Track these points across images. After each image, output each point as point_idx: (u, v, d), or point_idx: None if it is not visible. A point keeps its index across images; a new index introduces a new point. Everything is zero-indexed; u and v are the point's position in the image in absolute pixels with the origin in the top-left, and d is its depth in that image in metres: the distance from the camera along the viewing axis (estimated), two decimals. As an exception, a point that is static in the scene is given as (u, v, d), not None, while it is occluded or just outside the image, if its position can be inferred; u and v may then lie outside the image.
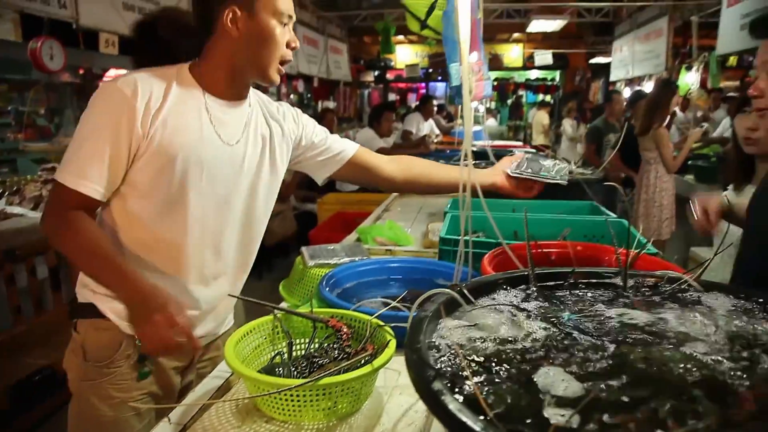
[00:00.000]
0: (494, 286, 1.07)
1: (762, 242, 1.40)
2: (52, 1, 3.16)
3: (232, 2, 1.24)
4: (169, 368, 1.40)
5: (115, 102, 1.20)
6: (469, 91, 1.83)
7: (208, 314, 1.44)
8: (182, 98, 1.27)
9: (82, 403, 1.34)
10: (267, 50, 1.28)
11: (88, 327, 1.33)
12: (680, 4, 7.08)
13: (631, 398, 0.70)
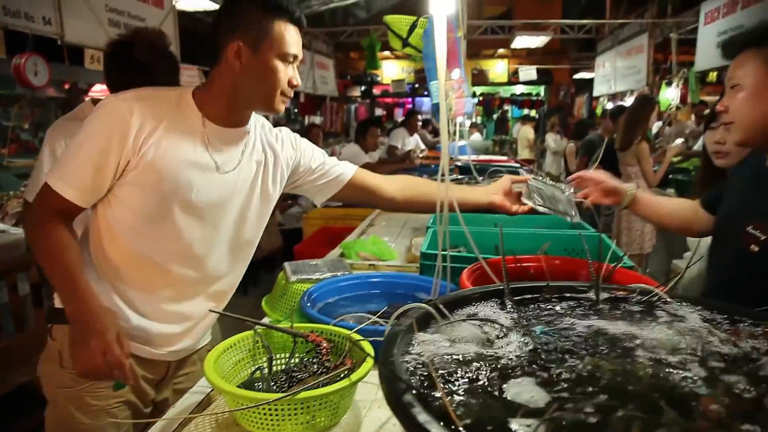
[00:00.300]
0: (470, 300, 1.09)
1: (723, 254, 1.45)
2: (37, 18, 3.17)
3: (240, 37, 1.26)
4: (143, 378, 1.40)
5: (111, 115, 1.23)
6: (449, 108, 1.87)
7: (189, 331, 1.45)
8: (180, 121, 1.30)
9: (59, 410, 1.34)
10: (267, 86, 1.30)
11: (65, 333, 1.32)
12: (660, 21, 7.25)
13: (598, 409, 0.73)
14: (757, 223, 1.28)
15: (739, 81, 1.29)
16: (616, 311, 1.09)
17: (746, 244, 1.30)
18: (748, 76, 1.27)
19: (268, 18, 1.27)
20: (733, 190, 1.47)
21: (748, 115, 1.28)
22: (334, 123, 11.88)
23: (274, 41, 1.27)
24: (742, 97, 1.28)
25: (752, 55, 1.27)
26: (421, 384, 0.75)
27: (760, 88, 1.25)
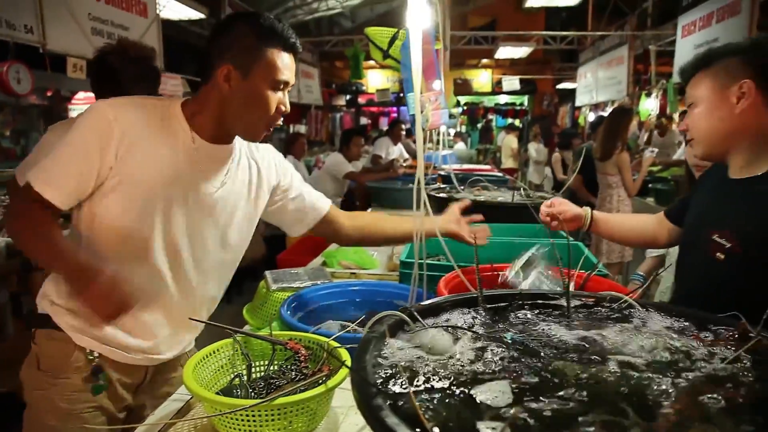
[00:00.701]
0: (444, 308, 1.12)
1: (691, 261, 1.50)
2: (19, 26, 3.16)
3: (231, 60, 1.25)
4: (119, 383, 1.40)
5: (97, 120, 1.23)
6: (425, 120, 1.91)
7: (170, 339, 1.45)
8: (167, 134, 1.29)
9: (33, 412, 1.36)
10: (253, 113, 1.29)
11: (43, 337, 1.35)
12: (639, 34, 7.40)
13: (563, 412, 0.76)
14: (722, 232, 1.33)
15: (694, 100, 1.38)
16: (586, 318, 1.13)
17: (712, 251, 1.35)
18: (701, 93, 1.36)
19: (261, 44, 1.25)
20: (698, 199, 1.52)
21: (704, 130, 1.37)
22: (319, 132, 11.91)
23: (265, 69, 1.25)
24: (697, 115, 1.37)
25: (703, 76, 1.37)
26: (392, 389, 0.77)
27: (712, 102, 1.34)
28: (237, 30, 1.27)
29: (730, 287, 1.33)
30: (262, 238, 4.68)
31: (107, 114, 1.23)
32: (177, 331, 1.46)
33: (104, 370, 1.36)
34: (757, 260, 1.27)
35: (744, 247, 1.28)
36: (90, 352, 1.34)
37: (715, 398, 0.79)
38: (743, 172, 1.37)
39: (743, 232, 1.30)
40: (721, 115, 1.32)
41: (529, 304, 1.18)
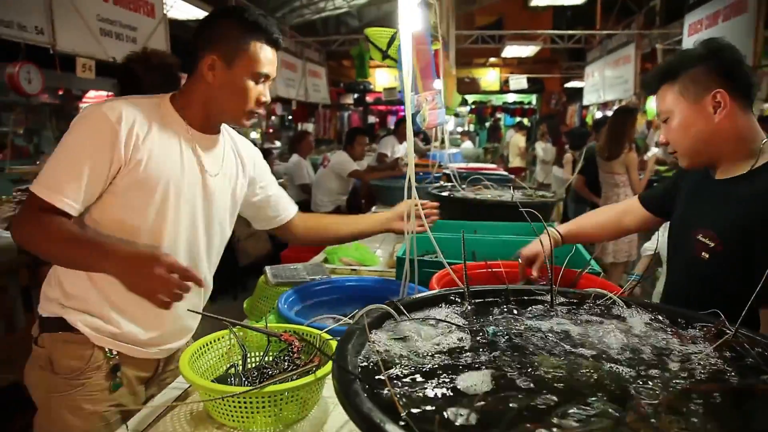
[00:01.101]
0: (431, 303, 1.16)
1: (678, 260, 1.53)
2: (30, 27, 3.23)
3: (215, 51, 1.31)
4: (136, 379, 1.44)
5: (99, 125, 1.25)
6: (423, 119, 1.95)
7: (175, 330, 1.50)
8: (166, 128, 1.34)
9: (52, 415, 1.36)
10: (235, 102, 1.36)
11: (56, 340, 1.35)
12: (646, 32, 7.38)
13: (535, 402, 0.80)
14: (705, 231, 1.36)
15: (667, 114, 1.40)
16: (569, 314, 1.16)
17: (697, 251, 1.38)
18: (672, 109, 1.38)
19: (245, 36, 1.32)
20: (682, 199, 1.54)
21: (685, 143, 1.39)
22: (327, 130, 11.98)
23: (248, 60, 1.32)
24: (674, 130, 1.39)
25: (669, 89, 1.38)
26: (371, 377, 0.81)
27: (688, 116, 1.36)
28: (223, 23, 1.34)
29: (716, 285, 1.36)
30: (267, 236, 4.74)
31: (108, 116, 1.25)
32: (182, 319, 1.50)
33: (121, 368, 1.39)
34: (738, 258, 1.30)
35: (725, 245, 1.32)
36: (109, 351, 1.37)
37: (685, 391, 0.83)
38: (726, 173, 1.40)
39: (724, 231, 1.33)
40: (700, 127, 1.35)
41: (515, 299, 1.22)
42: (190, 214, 1.41)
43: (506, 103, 15.52)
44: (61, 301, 1.36)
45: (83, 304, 1.35)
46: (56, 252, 1.28)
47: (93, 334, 1.35)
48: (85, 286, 1.35)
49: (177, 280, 1.19)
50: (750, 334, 0.99)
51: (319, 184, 5.15)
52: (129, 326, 1.39)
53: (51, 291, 1.39)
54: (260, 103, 1.38)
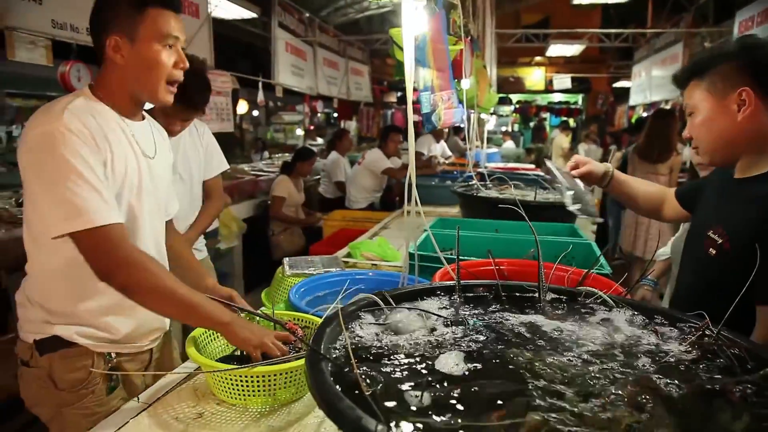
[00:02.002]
0: (423, 294, 1.21)
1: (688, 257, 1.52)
2: (81, 29, 3.42)
3: (115, 31, 1.27)
4: (133, 372, 1.46)
5: (80, 139, 1.21)
6: (438, 118, 1.99)
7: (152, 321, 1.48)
8: (107, 123, 1.30)
9: (66, 423, 1.36)
10: (152, 74, 1.30)
11: (54, 359, 1.34)
12: (695, 31, 7.13)
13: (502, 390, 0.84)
14: (716, 228, 1.36)
15: (693, 110, 1.40)
16: (555, 310, 1.19)
17: (706, 247, 1.38)
18: (699, 104, 1.38)
19: (140, 6, 1.27)
20: (704, 196, 1.54)
21: (707, 139, 1.39)
22: (370, 128, 12.07)
23: (150, 28, 1.27)
24: (699, 125, 1.39)
25: (697, 85, 1.38)
26: (341, 359, 0.87)
27: (712, 112, 1.35)
28: (113, 2, 1.29)
29: (719, 283, 1.35)
30: (301, 231, 4.86)
31: (74, 130, 1.21)
32: None
33: (119, 368, 1.41)
34: (744, 257, 1.29)
35: (732, 243, 1.31)
36: (108, 354, 1.38)
37: (653, 388, 0.85)
38: (746, 172, 1.39)
39: (734, 229, 1.32)
40: (723, 125, 1.34)
41: (506, 295, 1.26)
42: (146, 197, 1.40)
43: (551, 102, 15.26)
44: (48, 320, 1.34)
45: (73, 318, 1.34)
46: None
47: (91, 342, 1.35)
48: (72, 303, 1.34)
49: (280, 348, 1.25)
50: (730, 336, 1.00)
51: (354, 181, 5.23)
52: (121, 326, 1.39)
53: (31, 313, 1.36)
54: (178, 68, 1.34)
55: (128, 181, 1.32)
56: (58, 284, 1.33)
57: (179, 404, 1.20)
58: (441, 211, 3.89)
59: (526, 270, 1.79)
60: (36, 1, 3.17)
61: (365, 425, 0.65)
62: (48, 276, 1.34)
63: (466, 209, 3.10)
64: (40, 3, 3.18)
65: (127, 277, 1.20)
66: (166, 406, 1.20)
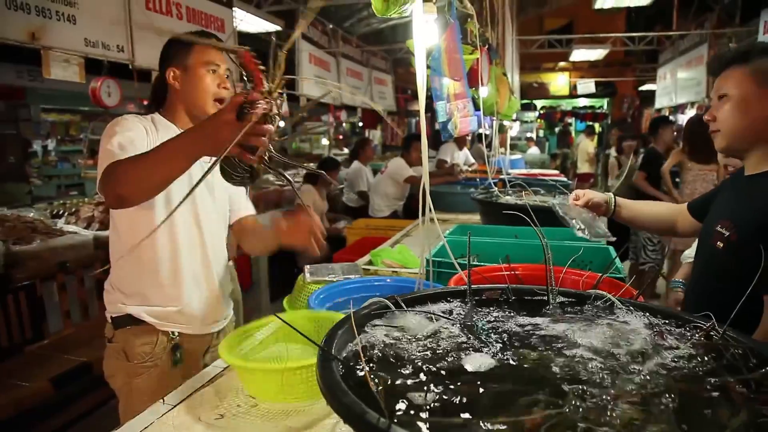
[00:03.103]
0: (435, 298, 1.25)
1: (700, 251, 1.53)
2: (112, 47, 3.57)
3: (172, 65, 1.63)
4: (195, 351, 1.73)
5: (136, 123, 1.54)
6: (454, 127, 2.03)
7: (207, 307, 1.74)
8: (167, 132, 1.60)
9: (133, 398, 1.61)
10: (200, 93, 1.62)
11: (127, 334, 1.63)
12: (719, 32, 7.03)
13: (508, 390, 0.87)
14: (724, 221, 1.37)
15: (726, 92, 1.39)
16: (565, 313, 1.21)
17: (714, 240, 1.39)
18: (735, 88, 1.37)
19: (188, 43, 1.61)
20: (715, 202, 1.55)
21: (735, 124, 1.38)
22: (394, 136, 12.15)
23: (196, 57, 1.61)
24: (729, 108, 1.38)
25: (739, 70, 1.37)
26: (352, 359, 0.91)
27: (747, 98, 1.35)
28: (171, 44, 1.66)
29: (727, 275, 1.36)
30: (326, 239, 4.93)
31: (131, 119, 1.55)
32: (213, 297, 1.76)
33: (181, 346, 1.68)
34: (751, 249, 1.30)
35: (739, 234, 1.32)
36: (171, 333, 1.66)
37: (656, 391, 0.87)
38: (757, 168, 1.40)
39: (740, 221, 1.33)
40: (755, 115, 1.35)
41: (516, 298, 1.28)
42: (201, 199, 1.68)
43: (576, 107, 15.14)
44: (122, 301, 1.63)
45: (142, 298, 1.63)
46: (153, 165, 1.25)
47: (156, 321, 1.63)
48: (141, 282, 1.63)
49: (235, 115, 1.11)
50: (735, 336, 1.01)
51: (377, 189, 5.29)
52: (185, 306, 1.67)
53: (111, 295, 1.67)
54: (220, 87, 1.64)
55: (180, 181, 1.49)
56: (130, 268, 1.62)
57: (202, 405, 1.26)
58: (463, 218, 3.91)
59: (542, 274, 1.80)
60: (70, 21, 3.31)
61: (369, 420, 0.69)
62: (122, 262, 1.63)
63: (485, 216, 3.12)
64: (74, 23, 3.32)
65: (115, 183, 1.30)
66: (190, 406, 1.26)
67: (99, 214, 3.41)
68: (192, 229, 1.66)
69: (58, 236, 3.10)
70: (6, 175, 7.26)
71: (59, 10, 3.21)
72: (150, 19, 3.92)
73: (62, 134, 10.62)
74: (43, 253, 2.96)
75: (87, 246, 3.07)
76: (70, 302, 3.01)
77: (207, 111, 1.62)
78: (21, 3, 2.96)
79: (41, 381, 2.53)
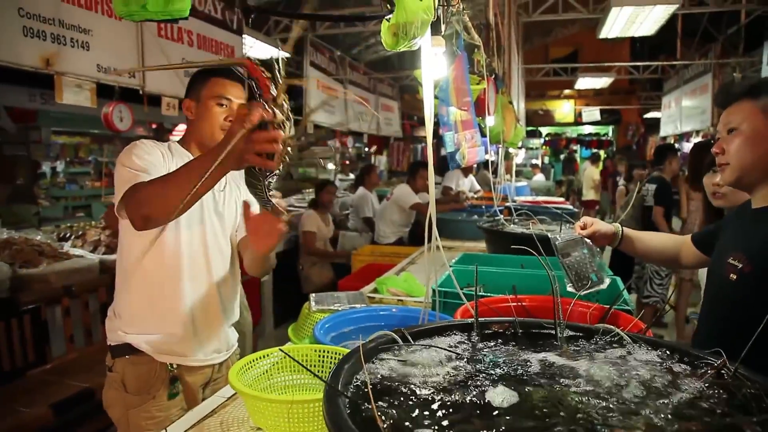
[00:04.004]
0: (441, 331, 1.24)
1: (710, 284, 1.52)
2: (123, 72, 3.63)
3: (189, 96, 1.70)
4: (194, 385, 1.70)
5: (153, 147, 1.59)
6: (462, 157, 2.03)
7: (208, 337, 1.72)
8: (181, 159, 1.64)
9: (132, 426, 1.60)
10: (208, 124, 1.66)
11: (125, 364, 1.61)
12: (724, 62, 7.09)
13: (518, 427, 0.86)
14: (736, 254, 1.36)
15: (736, 125, 1.38)
16: (573, 348, 1.20)
17: (727, 273, 1.38)
18: (746, 122, 1.36)
19: (207, 76, 1.67)
20: (722, 236, 1.55)
21: (746, 159, 1.37)
22: (400, 162, 12.21)
23: (209, 91, 1.65)
24: (740, 142, 1.37)
25: (749, 103, 1.37)
26: (358, 395, 0.91)
27: (758, 133, 1.35)
28: (194, 76, 1.72)
29: (740, 307, 1.35)
30: (330, 265, 4.92)
31: (148, 143, 1.59)
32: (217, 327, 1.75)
33: (179, 378, 1.65)
34: (764, 279, 1.29)
35: (754, 267, 1.31)
36: (170, 365, 1.63)
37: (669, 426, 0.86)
38: (766, 201, 1.39)
39: (754, 253, 1.32)
40: (766, 150, 1.35)
41: (523, 332, 1.27)
42: (212, 232, 1.70)
43: (581, 134, 15.20)
44: (123, 329, 1.62)
45: (143, 327, 1.62)
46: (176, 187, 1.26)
47: (155, 351, 1.61)
48: (142, 310, 1.63)
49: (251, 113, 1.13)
50: (747, 374, 1.00)
51: (382, 216, 5.30)
52: (185, 338, 1.64)
53: (112, 323, 1.66)
54: (227, 121, 1.66)
55: (194, 210, 1.59)
56: (132, 295, 1.63)
57: (206, 437, 1.25)
58: (468, 246, 3.90)
59: (549, 306, 1.79)
60: (84, 48, 3.37)
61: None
62: (125, 288, 1.64)
63: (491, 244, 3.11)
64: (87, 49, 3.38)
65: (145, 196, 1.32)
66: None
67: (105, 238, 3.43)
68: (198, 257, 1.66)
69: (65, 260, 3.10)
70: (15, 196, 7.31)
71: (74, 37, 3.28)
72: (161, 46, 3.99)
73: (71, 156, 10.72)
74: (49, 277, 2.97)
75: (93, 270, 3.07)
76: (74, 326, 3.00)
77: (215, 140, 1.63)
78: (38, 31, 3.03)
79: (42, 407, 2.51)
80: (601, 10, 6.23)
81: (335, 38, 7.25)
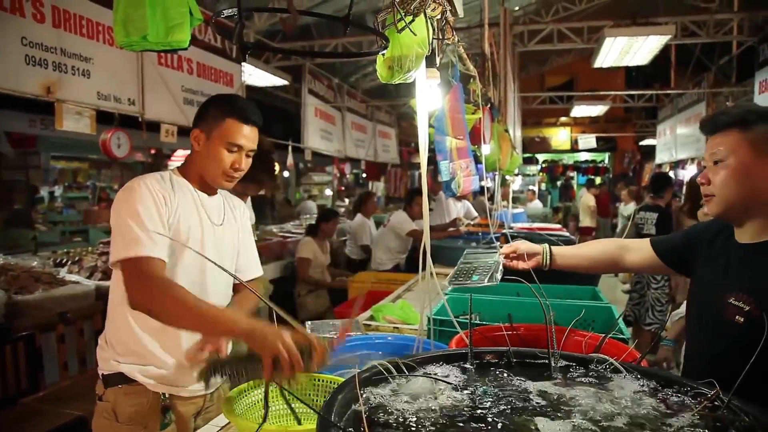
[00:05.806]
0: (435, 360, 1.24)
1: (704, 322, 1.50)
2: (123, 99, 3.68)
3: (200, 126, 1.61)
4: (187, 415, 1.67)
5: (147, 193, 1.52)
6: (458, 186, 2.05)
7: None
8: (182, 192, 1.63)
9: None
10: (212, 167, 1.62)
11: (118, 393, 1.58)
12: (717, 91, 7.20)
13: None
14: (738, 295, 1.32)
15: (722, 157, 1.34)
16: (567, 378, 1.20)
17: (730, 314, 1.34)
18: (732, 155, 1.32)
19: (223, 115, 1.58)
20: (704, 259, 1.51)
21: (731, 193, 1.34)
22: (397, 188, 12.27)
23: (222, 133, 1.58)
24: (725, 175, 1.34)
25: (736, 134, 1.32)
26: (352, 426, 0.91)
27: (747, 169, 1.31)
28: (210, 105, 1.63)
29: (752, 348, 1.31)
30: (327, 292, 4.91)
31: (150, 188, 1.53)
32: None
33: (171, 408, 1.62)
34: None
35: (762, 309, 1.28)
36: (162, 394, 1.60)
37: None
38: (755, 236, 1.37)
39: (761, 295, 1.30)
40: (754, 184, 1.31)
41: (517, 361, 1.27)
42: (203, 259, 1.61)
43: (578, 161, 15.33)
44: (116, 359, 1.59)
45: (137, 357, 1.58)
46: (185, 324, 1.42)
47: (149, 381, 1.58)
48: (136, 341, 1.58)
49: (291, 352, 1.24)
50: (740, 406, 1.00)
51: (379, 242, 5.30)
52: (180, 369, 1.60)
53: (105, 352, 1.62)
54: (234, 168, 1.62)
55: (191, 240, 1.59)
56: (125, 325, 1.57)
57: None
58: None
59: (544, 335, 1.79)
60: (85, 76, 3.42)
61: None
62: (118, 317, 1.59)
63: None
64: (88, 77, 3.43)
65: (157, 304, 1.39)
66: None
67: (102, 264, 3.43)
68: (195, 290, 1.56)
69: (60, 286, 3.10)
70: (12, 220, 7.33)
71: (75, 65, 3.32)
72: (160, 73, 4.05)
73: (69, 181, 10.77)
74: (44, 303, 2.96)
75: (88, 296, 3.07)
76: (68, 354, 2.98)
77: (216, 183, 1.65)
78: (39, 59, 3.07)
79: (32, 436, 2.48)
80: (595, 41, 6.34)
81: (333, 66, 7.36)
